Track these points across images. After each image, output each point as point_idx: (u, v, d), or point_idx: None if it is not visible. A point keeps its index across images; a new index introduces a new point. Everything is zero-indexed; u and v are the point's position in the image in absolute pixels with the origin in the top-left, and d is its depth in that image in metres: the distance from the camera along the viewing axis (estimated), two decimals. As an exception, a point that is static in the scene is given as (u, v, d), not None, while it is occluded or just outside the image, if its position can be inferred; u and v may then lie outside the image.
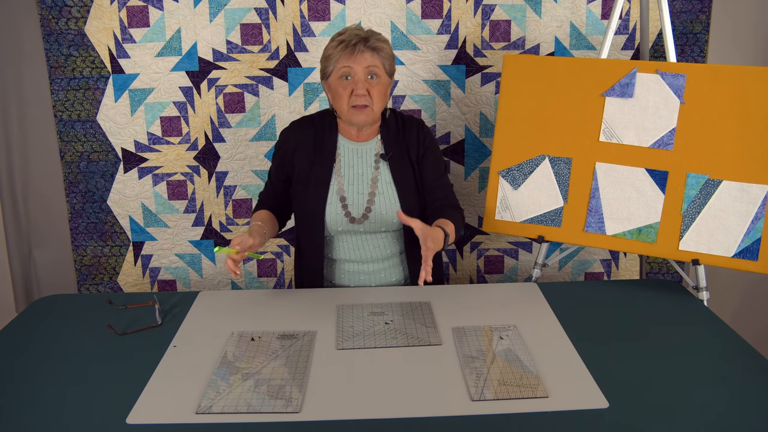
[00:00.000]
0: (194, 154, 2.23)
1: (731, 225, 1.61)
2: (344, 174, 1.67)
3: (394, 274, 1.74)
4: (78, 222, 2.27)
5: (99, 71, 2.14)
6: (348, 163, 1.68)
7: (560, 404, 1.14)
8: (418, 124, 1.73)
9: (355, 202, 1.66)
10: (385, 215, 1.66)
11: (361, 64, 1.57)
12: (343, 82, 1.59)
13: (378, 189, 1.67)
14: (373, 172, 1.68)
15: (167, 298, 1.63)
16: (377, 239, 1.70)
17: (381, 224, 1.67)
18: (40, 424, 1.11)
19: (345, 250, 1.70)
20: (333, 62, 1.59)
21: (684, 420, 1.10)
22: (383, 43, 1.61)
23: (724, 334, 1.43)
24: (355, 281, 1.72)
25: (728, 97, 1.60)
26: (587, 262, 2.35)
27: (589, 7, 2.13)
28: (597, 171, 1.73)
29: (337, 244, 1.71)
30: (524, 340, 1.36)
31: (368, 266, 1.71)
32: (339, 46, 1.58)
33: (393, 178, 1.67)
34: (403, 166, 1.69)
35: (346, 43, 1.57)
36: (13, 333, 1.47)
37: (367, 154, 1.69)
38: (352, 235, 1.69)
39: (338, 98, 1.61)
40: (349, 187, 1.66)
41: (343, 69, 1.58)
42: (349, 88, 1.58)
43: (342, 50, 1.57)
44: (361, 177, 1.68)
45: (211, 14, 2.11)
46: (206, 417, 1.11)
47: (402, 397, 1.16)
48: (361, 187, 1.67)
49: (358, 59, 1.57)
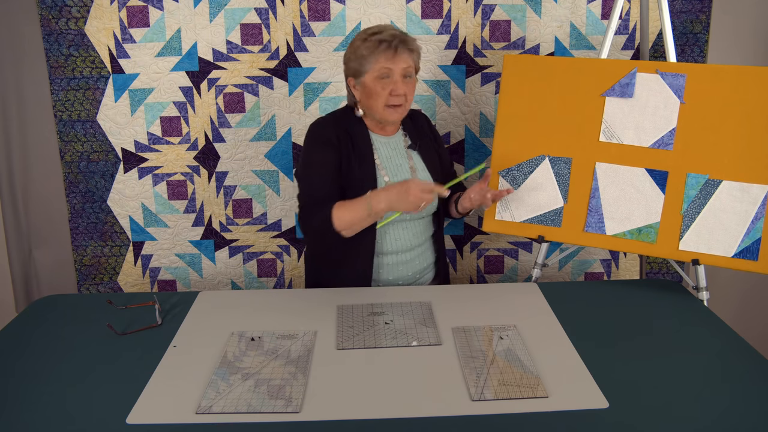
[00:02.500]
0: (194, 154, 2.23)
1: (731, 225, 1.61)
2: (386, 167, 1.70)
3: (427, 257, 1.79)
4: (78, 222, 2.27)
5: (99, 71, 2.14)
6: (386, 156, 1.72)
7: (560, 404, 1.14)
8: (423, 116, 1.88)
9: None
10: None
11: (400, 65, 1.60)
12: (381, 81, 1.61)
13: (418, 176, 1.73)
14: (408, 161, 1.74)
15: (167, 298, 1.63)
16: (417, 225, 1.74)
17: (424, 210, 1.71)
18: (40, 424, 1.11)
19: (389, 242, 1.71)
20: (371, 62, 1.60)
21: (684, 420, 1.11)
22: (415, 43, 1.65)
23: (724, 334, 1.43)
24: (394, 273, 1.73)
25: (728, 97, 1.60)
26: (587, 262, 2.35)
27: (589, 7, 2.13)
28: (597, 171, 1.72)
29: (381, 236, 1.71)
30: (524, 340, 1.36)
31: (406, 255, 1.73)
32: (380, 46, 1.58)
33: (426, 165, 1.76)
34: (429, 153, 1.79)
35: (388, 44, 1.58)
36: (13, 333, 1.47)
37: (398, 146, 1.75)
38: (396, 226, 1.71)
39: (375, 97, 1.63)
40: (394, 179, 1.70)
41: (383, 69, 1.60)
42: (388, 88, 1.61)
43: (384, 50, 1.58)
44: (400, 168, 1.72)
45: (211, 14, 2.11)
46: (206, 417, 1.11)
47: (402, 397, 1.16)
48: (403, 176, 1.71)
49: (398, 60, 1.59)
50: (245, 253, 2.32)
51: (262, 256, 2.33)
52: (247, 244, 2.31)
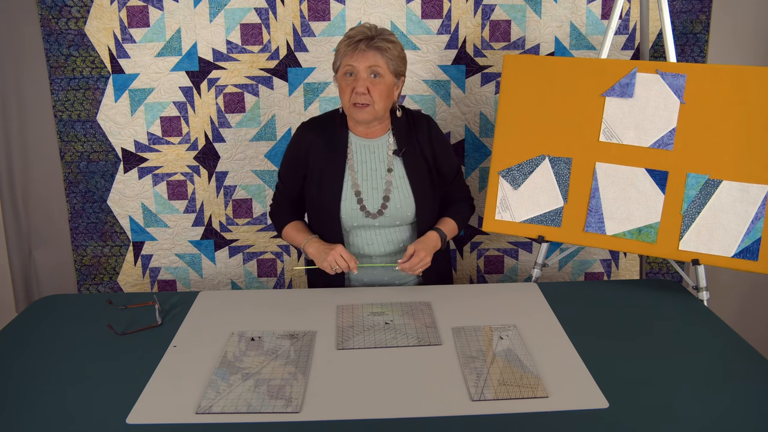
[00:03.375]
0: (194, 154, 2.23)
1: (731, 225, 1.61)
2: (358, 170, 1.70)
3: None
4: (78, 222, 2.27)
5: (99, 71, 2.14)
6: (361, 159, 1.71)
7: (560, 404, 1.14)
8: (427, 120, 1.78)
9: (370, 197, 1.69)
10: (400, 209, 1.70)
11: (363, 63, 1.60)
12: (346, 78, 1.64)
13: (393, 184, 1.70)
14: (387, 167, 1.71)
15: (167, 298, 1.63)
16: (392, 233, 1.72)
17: (396, 218, 1.70)
18: (41, 424, 1.11)
19: (360, 245, 1.72)
20: (339, 58, 1.64)
21: (684, 420, 1.11)
22: (389, 44, 1.62)
23: (724, 334, 1.43)
24: (369, 276, 1.73)
25: (728, 97, 1.60)
26: (587, 262, 2.35)
27: (589, 7, 2.13)
28: (597, 171, 1.72)
29: (352, 239, 1.72)
30: (524, 340, 1.36)
31: (382, 260, 1.73)
32: (345, 42, 1.62)
33: (407, 173, 1.71)
34: (415, 161, 1.73)
35: (350, 41, 1.61)
36: (13, 333, 1.47)
37: (380, 150, 1.72)
38: (367, 230, 1.71)
39: (341, 93, 1.66)
40: (363, 182, 1.69)
41: (346, 66, 1.62)
42: (351, 85, 1.62)
43: (346, 47, 1.61)
44: (375, 172, 1.71)
45: (211, 14, 2.11)
46: (206, 417, 1.11)
47: (402, 397, 1.16)
48: (376, 182, 1.70)
49: (359, 58, 1.60)
50: (245, 253, 2.32)
51: (262, 256, 2.33)
52: (247, 244, 2.31)
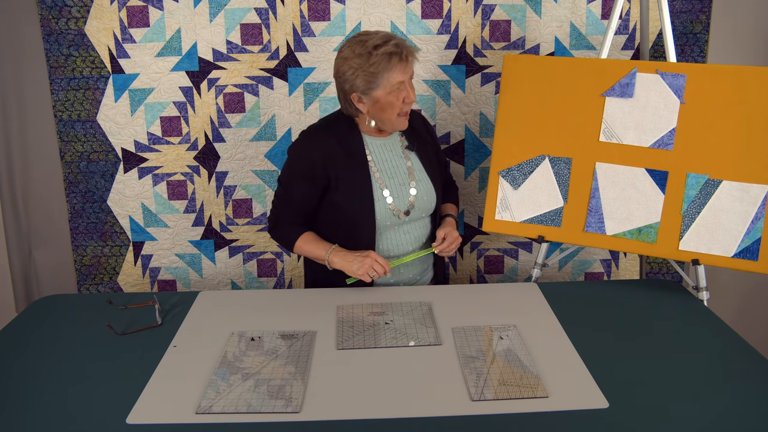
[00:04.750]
0: (194, 154, 2.23)
1: (731, 225, 1.61)
2: (381, 169, 1.69)
3: (426, 259, 1.79)
4: (78, 222, 2.27)
5: (99, 71, 2.14)
6: (380, 158, 1.70)
7: (560, 404, 1.14)
8: (419, 114, 1.87)
9: (399, 194, 1.69)
10: (426, 201, 1.72)
11: (409, 72, 1.59)
12: (395, 93, 1.59)
13: (416, 178, 1.72)
14: (405, 163, 1.73)
15: (167, 298, 1.63)
16: (416, 228, 1.74)
17: (423, 211, 1.72)
18: (41, 424, 1.11)
19: (391, 246, 1.71)
20: (384, 78, 1.56)
21: (684, 420, 1.11)
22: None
23: (724, 334, 1.43)
24: (395, 276, 1.74)
25: (728, 97, 1.60)
26: (587, 262, 2.35)
27: (589, 7, 2.13)
28: (597, 171, 1.72)
29: (383, 241, 1.71)
30: (524, 340, 1.36)
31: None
32: (392, 59, 1.54)
33: (423, 166, 1.75)
34: (426, 153, 1.78)
35: (399, 56, 1.55)
36: (13, 333, 1.47)
37: (394, 147, 1.73)
38: (397, 229, 1.71)
39: (389, 108, 1.60)
40: (389, 180, 1.69)
41: (396, 84, 1.57)
42: (401, 97, 1.60)
43: (397, 64, 1.55)
44: (396, 169, 1.71)
45: (211, 14, 2.11)
46: (206, 417, 1.11)
47: (402, 397, 1.16)
48: (401, 178, 1.71)
49: (408, 69, 1.59)
50: (245, 253, 2.32)
51: (262, 256, 2.33)
52: (247, 244, 2.31)
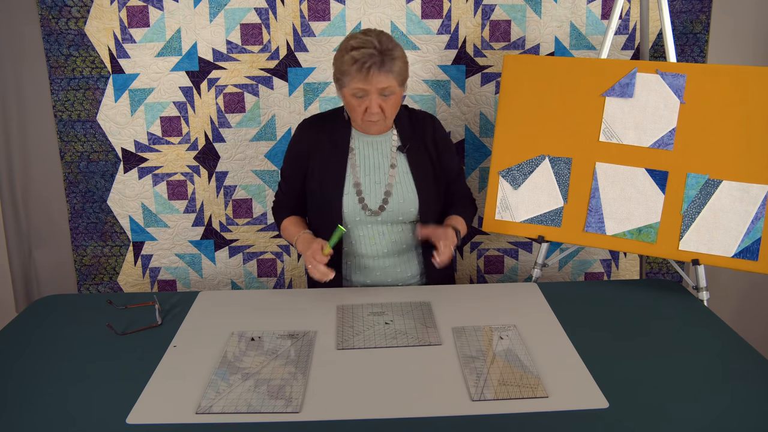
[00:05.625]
0: (194, 154, 2.23)
1: (731, 225, 1.61)
2: (360, 165, 1.69)
3: (410, 268, 1.76)
4: (78, 222, 2.27)
5: (99, 71, 2.14)
6: (363, 154, 1.70)
7: (560, 404, 1.14)
8: (432, 118, 1.79)
9: (372, 192, 1.68)
10: (402, 204, 1.68)
11: (375, 86, 1.53)
12: (356, 98, 1.57)
13: (396, 179, 1.69)
14: (390, 162, 1.70)
15: (167, 298, 1.63)
16: (394, 232, 1.71)
17: (398, 214, 1.69)
18: (41, 424, 1.11)
19: (362, 244, 1.71)
20: (348, 79, 1.54)
21: (684, 420, 1.10)
22: (397, 59, 1.54)
23: (724, 334, 1.43)
24: (371, 277, 1.73)
25: (728, 97, 1.60)
26: (587, 262, 2.35)
27: (589, 7, 2.13)
28: (597, 171, 1.72)
29: (354, 237, 1.71)
30: (524, 340, 1.36)
31: (384, 261, 1.72)
32: (354, 65, 1.51)
33: (411, 169, 1.70)
34: (420, 158, 1.72)
35: (360, 65, 1.50)
36: (13, 333, 1.47)
37: (383, 146, 1.71)
38: (369, 227, 1.70)
39: (352, 111, 1.62)
40: (365, 177, 1.68)
41: (356, 89, 1.54)
42: (363, 105, 1.57)
43: (357, 72, 1.51)
44: (377, 168, 1.70)
45: (211, 14, 2.11)
46: (206, 417, 1.11)
47: (402, 397, 1.16)
48: (378, 177, 1.69)
49: (372, 81, 1.52)
50: (245, 253, 2.32)
51: (262, 256, 2.33)
52: (247, 244, 2.31)
